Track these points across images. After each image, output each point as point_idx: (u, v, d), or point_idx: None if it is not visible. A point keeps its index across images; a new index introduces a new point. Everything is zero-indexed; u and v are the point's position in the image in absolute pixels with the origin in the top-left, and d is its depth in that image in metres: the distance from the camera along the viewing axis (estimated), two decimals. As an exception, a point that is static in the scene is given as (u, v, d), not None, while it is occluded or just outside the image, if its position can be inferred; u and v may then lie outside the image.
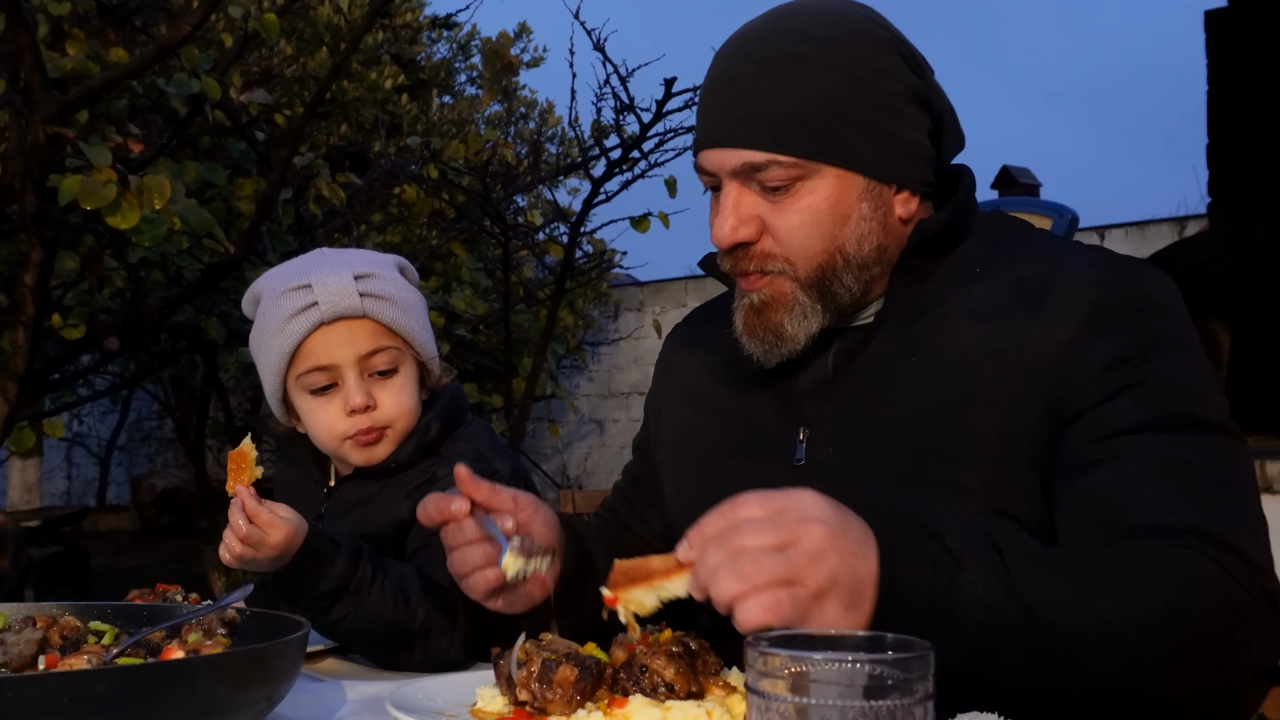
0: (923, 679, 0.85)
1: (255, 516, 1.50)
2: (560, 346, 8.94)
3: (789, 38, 1.33)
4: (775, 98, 1.31)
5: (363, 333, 1.74)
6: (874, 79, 1.31)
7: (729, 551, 1.01)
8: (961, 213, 1.38)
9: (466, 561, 1.34)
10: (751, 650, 0.88)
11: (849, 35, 1.33)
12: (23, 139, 3.44)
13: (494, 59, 5.70)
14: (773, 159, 1.31)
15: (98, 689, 0.92)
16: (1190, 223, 8.52)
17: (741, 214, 1.34)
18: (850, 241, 1.34)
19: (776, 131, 1.30)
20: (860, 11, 1.37)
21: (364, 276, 1.76)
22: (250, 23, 4.25)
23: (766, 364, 1.39)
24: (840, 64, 1.31)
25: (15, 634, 1.19)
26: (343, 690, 1.44)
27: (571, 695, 1.14)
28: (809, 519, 1.03)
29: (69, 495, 13.83)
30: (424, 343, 1.82)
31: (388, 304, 1.76)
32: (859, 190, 1.33)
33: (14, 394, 3.91)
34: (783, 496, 1.06)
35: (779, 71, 1.32)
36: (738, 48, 1.37)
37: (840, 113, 1.30)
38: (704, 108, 1.38)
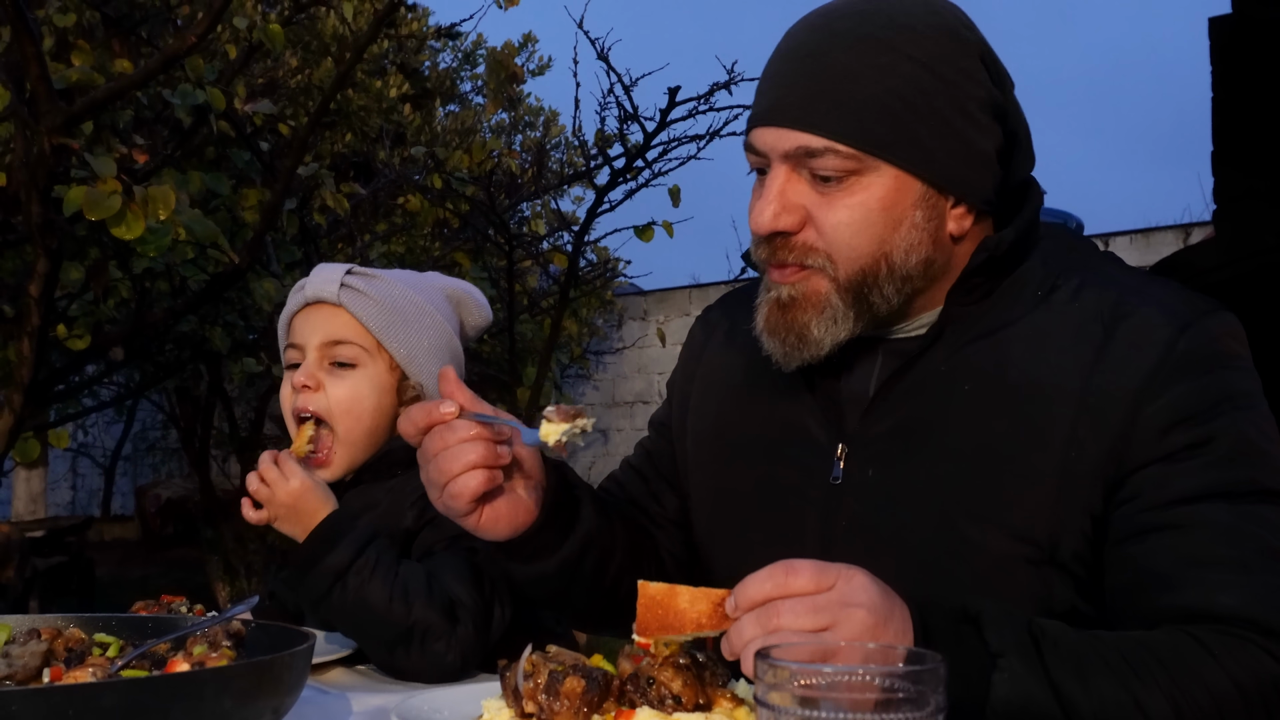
0: (935, 691, 0.84)
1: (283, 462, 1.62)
2: (564, 355, 8.93)
3: (874, 20, 1.24)
4: (847, 81, 1.22)
5: (335, 321, 1.81)
6: (956, 78, 1.23)
7: (765, 629, 1.01)
8: (1029, 230, 1.30)
9: (458, 459, 1.23)
10: (761, 662, 0.87)
11: (936, 29, 1.24)
12: (28, 150, 3.44)
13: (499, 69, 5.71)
14: (831, 147, 1.22)
15: (104, 702, 0.91)
16: (1195, 230, 8.51)
17: (786, 201, 1.25)
18: (899, 249, 1.25)
19: (842, 118, 1.21)
20: (950, 9, 1.29)
21: (360, 274, 1.83)
22: (255, 34, 4.26)
23: (786, 367, 1.31)
24: (923, 57, 1.22)
25: (20, 646, 1.19)
26: (348, 702, 1.44)
27: (578, 707, 1.13)
28: (854, 604, 1.02)
29: (74, 505, 13.84)
30: (405, 353, 1.82)
31: (367, 301, 1.80)
32: (916, 195, 1.24)
33: (19, 404, 3.91)
34: (835, 574, 1.04)
35: (857, 53, 1.22)
36: (816, 21, 1.27)
37: (914, 108, 1.22)
38: (767, 80, 1.28)
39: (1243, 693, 1.07)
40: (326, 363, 1.81)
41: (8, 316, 4.33)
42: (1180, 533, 1.16)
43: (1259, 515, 1.16)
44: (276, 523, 1.64)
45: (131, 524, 12.19)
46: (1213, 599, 1.12)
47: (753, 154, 1.29)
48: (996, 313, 1.29)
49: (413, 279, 1.90)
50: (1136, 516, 1.19)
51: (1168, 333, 1.22)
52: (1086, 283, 1.29)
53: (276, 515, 1.63)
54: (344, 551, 1.57)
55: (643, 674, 1.16)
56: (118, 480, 13.33)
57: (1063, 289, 1.29)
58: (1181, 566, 1.15)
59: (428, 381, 1.84)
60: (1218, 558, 1.14)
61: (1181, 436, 1.19)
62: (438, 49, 9.99)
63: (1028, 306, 1.29)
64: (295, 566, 1.61)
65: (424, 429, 1.26)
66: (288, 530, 1.64)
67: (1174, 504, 1.17)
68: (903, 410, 1.30)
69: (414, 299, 1.85)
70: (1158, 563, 1.16)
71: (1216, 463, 1.18)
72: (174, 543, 11.07)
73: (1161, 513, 1.18)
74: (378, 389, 1.81)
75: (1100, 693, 1.07)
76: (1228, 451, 1.18)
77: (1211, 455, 1.18)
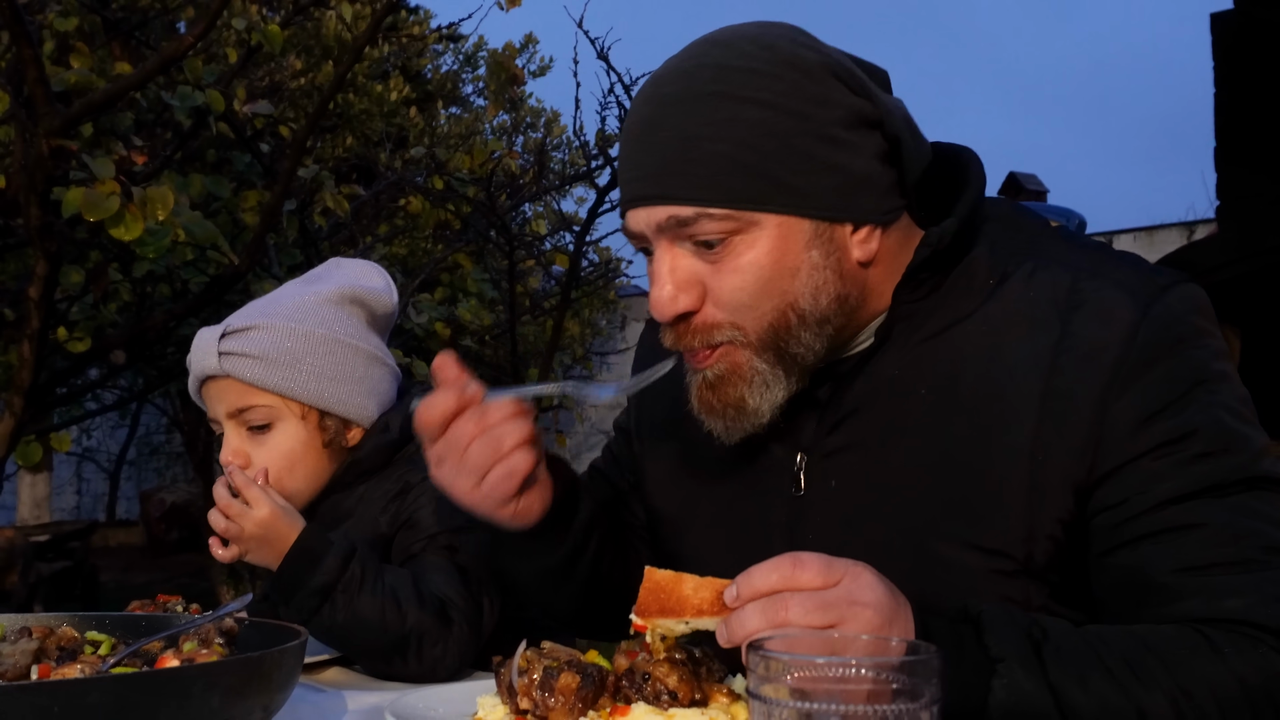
0: (929, 683, 0.83)
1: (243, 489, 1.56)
2: (567, 357, 8.93)
3: (707, 73, 1.18)
4: (697, 141, 1.16)
5: (230, 391, 1.76)
6: (809, 109, 1.16)
7: (772, 623, 0.99)
8: (973, 214, 1.24)
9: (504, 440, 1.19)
10: (754, 655, 0.86)
11: (774, 64, 1.17)
12: (27, 153, 3.44)
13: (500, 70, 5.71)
14: (701, 212, 1.16)
15: (90, 699, 0.90)
16: (1199, 227, 8.49)
17: (679, 279, 1.20)
18: (804, 295, 1.19)
19: (702, 180, 1.16)
20: (785, 35, 1.21)
21: (235, 333, 1.75)
22: (254, 35, 4.26)
23: (729, 441, 1.26)
24: (766, 98, 1.16)
25: (11, 644, 1.18)
26: (343, 700, 1.43)
27: (573, 703, 1.12)
28: (861, 602, 1.00)
29: (79, 510, 13.86)
30: (311, 392, 1.75)
31: (251, 362, 1.73)
32: (805, 237, 1.18)
33: (20, 408, 3.90)
34: (842, 570, 1.02)
35: (699, 112, 1.16)
36: (652, 91, 1.21)
37: (772, 152, 1.15)
38: (623, 163, 1.23)
39: (1247, 691, 1.05)
40: (244, 430, 1.76)
41: (8, 320, 4.33)
42: (1175, 537, 1.13)
43: (1251, 508, 1.13)
44: (248, 555, 1.59)
45: (136, 529, 12.20)
46: (1219, 605, 1.09)
47: (633, 237, 1.25)
48: (947, 308, 1.24)
49: (295, 304, 1.80)
50: (1125, 524, 1.15)
51: (1129, 317, 1.17)
52: (1039, 267, 1.23)
53: (247, 549, 1.58)
54: (327, 570, 1.54)
55: (638, 670, 1.14)
56: (122, 485, 13.35)
57: (1014, 276, 1.23)
58: (1183, 575, 1.12)
59: (348, 407, 1.78)
60: (1218, 561, 1.11)
61: (1156, 432, 1.14)
62: (439, 52, 10.01)
63: (979, 299, 1.23)
64: (277, 591, 1.58)
65: (451, 415, 1.20)
66: (259, 560, 1.58)
67: (1163, 506, 1.14)
68: (860, 417, 1.26)
69: (300, 332, 1.76)
70: (1156, 572, 1.13)
71: (1199, 456, 1.14)
72: (178, 548, 11.08)
73: (1151, 517, 1.14)
74: (300, 438, 1.76)
75: (1101, 697, 1.05)
76: (1208, 442, 1.14)
77: (1192, 449, 1.14)
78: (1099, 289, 1.19)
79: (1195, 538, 1.12)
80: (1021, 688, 1.05)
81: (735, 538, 1.36)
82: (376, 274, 1.90)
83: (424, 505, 1.72)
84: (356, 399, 1.79)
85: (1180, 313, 1.18)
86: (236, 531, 1.57)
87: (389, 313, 1.88)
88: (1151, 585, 1.13)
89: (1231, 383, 1.19)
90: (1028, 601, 1.19)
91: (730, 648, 1.02)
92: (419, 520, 1.72)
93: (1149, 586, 1.13)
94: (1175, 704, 1.05)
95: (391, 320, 1.90)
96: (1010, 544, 1.18)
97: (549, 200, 7.35)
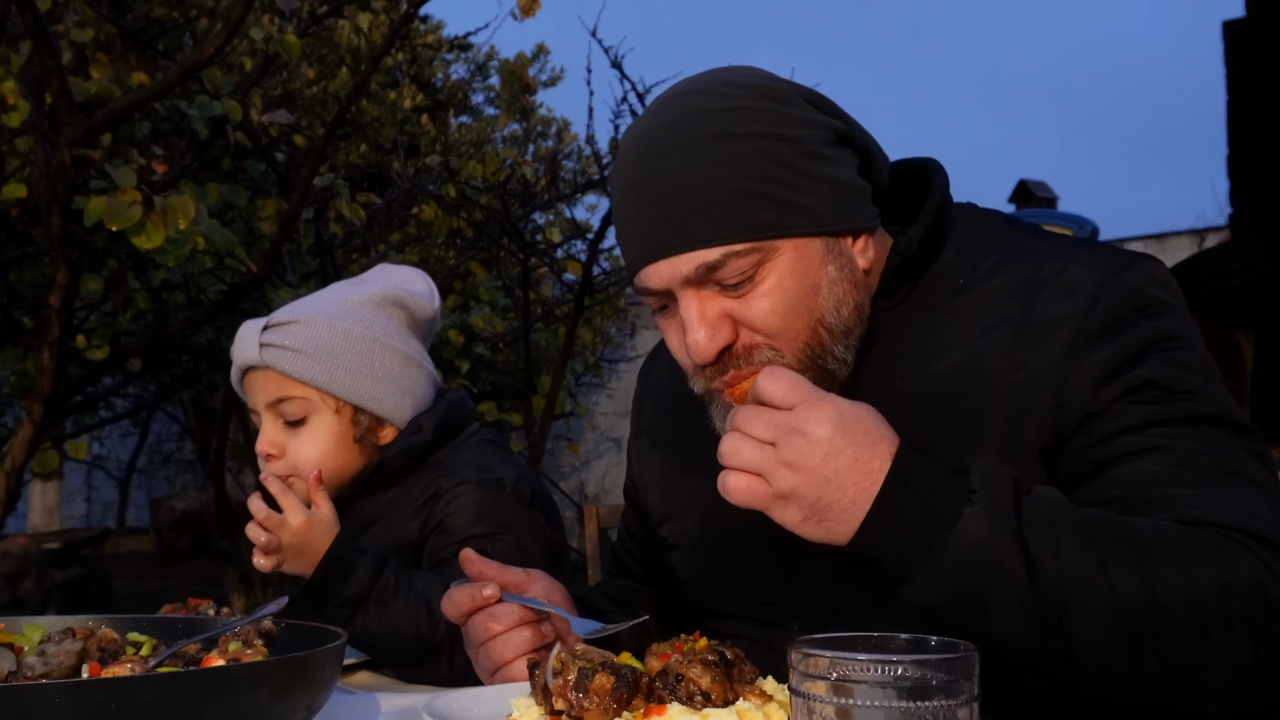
0: (968, 679, 0.85)
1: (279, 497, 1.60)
2: (579, 364, 8.95)
3: (694, 119, 1.21)
4: (706, 183, 1.19)
5: (269, 383, 1.81)
6: (797, 131, 1.22)
7: (731, 424, 1.10)
8: (938, 220, 1.30)
9: (508, 647, 1.30)
10: (795, 652, 0.88)
11: (753, 98, 1.22)
12: (49, 162, 3.48)
13: (512, 79, 5.74)
14: (728, 251, 1.19)
15: (143, 696, 0.92)
16: (1209, 234, 8.49)
17: (710, 320, 1.22)
18: (828, 310, 1.24)
19: (720, 219, 1.19)
20: (749, 72, 1.28)
21: (277, 325, 1.80)
22: (271, 45, 4.29)
23: None
24: (758, 129, 1.21)
25: (56, 645, 1.20)
26: (376, 702, 1.44)
27: (608, 704, 1.14)
28: (803, 431, 1.06)
29: (89, 518, 13.89)
30: (347, 389, 1.79)
31: (291, 355, 1.78)
32: (819, 254, 1.23)
33: (39, 415, 3.94)
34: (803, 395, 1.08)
35: (699, 155, 1.20)
36: (641, 149, 1.24)
37: (777, 178, 1.20)
38: (625, 224, 1.25)
39: (1226, 587, 1.03)
40: (280, 422, 1.81)
41: (28, 328, 4.36)
42: (1132, 459, 1.16)
43: (1203, 437, 1.16)
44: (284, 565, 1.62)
45: (146, 536, 12.23)
46: (1188, 512, 1.11)
47: (650, 295, 1.26)
48: (919, 311, 1.29)
49: (337, 303, 1.85)
50: (1085, 453, 1.18)
51: (1087, 292, 1.21)
52: (1002, 259, 1.28)
53: (284, 559, 1.61)
54: (360, 579, 1.56)
55: (671, 671, 1.16)
56: (132, 493, 13.38)
57: (981, 270, 1.28)
58: (1141, 488, 1.14)
59: (381, 405, 1.82)
60: (1175, 476, 1.14)
61: (1115, 389, 1.19)
62: (450, 61, 10.05)
63: (947, 298, 1.29)
64: (309, 600, 1.60)
65: (467, 613, 1.31)
66: (295, 569, 1.62)
67: (1118, 435, 1.17)
68: None
69: (340, 329, 1.80)
70: (1117, 489, 1.15)
71: (1154, 400, 1.18)
72: (189, 555, 11.10)
73: (1108, 445, 1.17)
74: (334, 433, 1.80)
75: (1071, 556, 1.04)
76: (1160, 390, 1.18)
77: (1144, 395, 1.18)
78: (1060, 269, 1.24)
79: (1155, 456, 1.15)
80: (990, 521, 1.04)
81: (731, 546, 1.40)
82: (420, 279, 1.94)
83: (455, 510, 1.74)
84: (391, 398, 1.83)
85: (1138, 285, 1.23)
86: (275, 543, 1.59)
87: (430, 317, 1.91)
88: (1120, 500, 1.14)
89: (1192, 344, 1.23)
90: None
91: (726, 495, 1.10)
92: (450, 525, 1.74)
93: (1117, 502, 1.14)
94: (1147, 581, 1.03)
95: (433, 326, 1.94)
96: None
97: (560, 208, 7.38)
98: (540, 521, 1.84)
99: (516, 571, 1.34)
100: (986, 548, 1.03)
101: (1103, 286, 1.21)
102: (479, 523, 1.74)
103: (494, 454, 1.89)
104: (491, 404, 7.19)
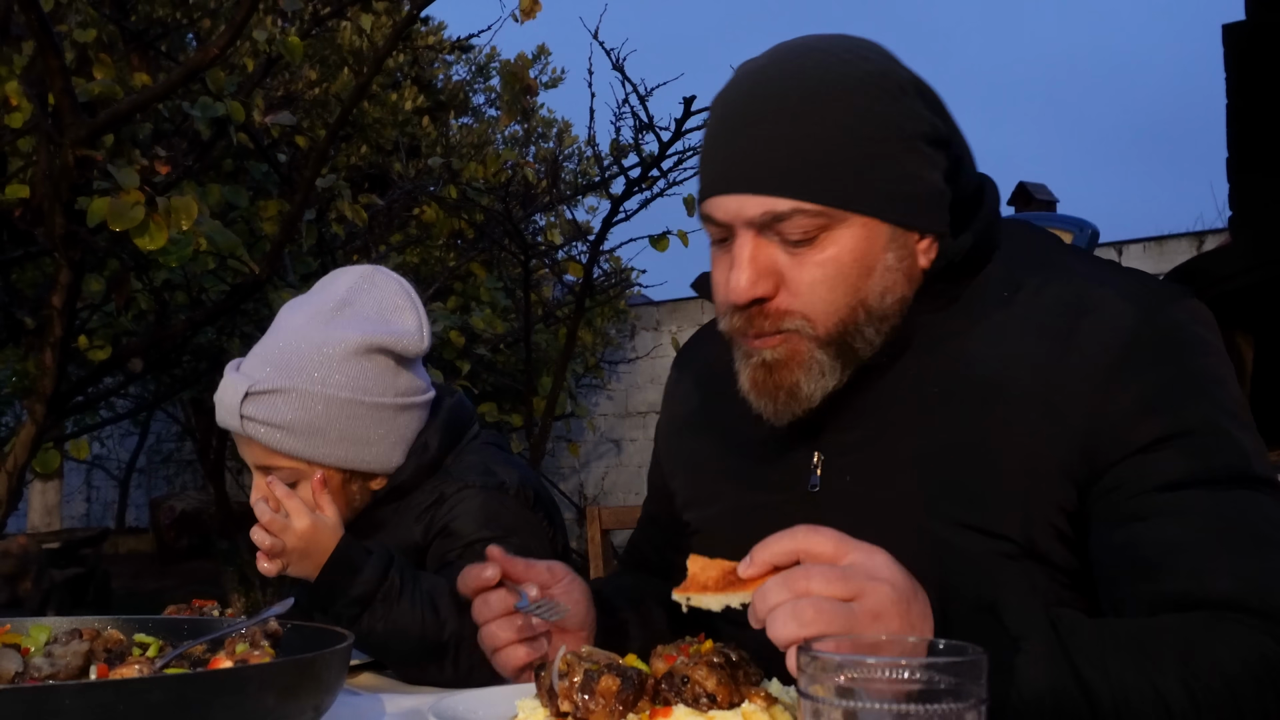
0: (976, 683, 0.85)
1: (284, 500, 1.59)
2: (579, 365, 8.95)
3: (810, 78, 1.23)
4: (800, 140, 1.21)
5: (254, 450, 1.75)
6: (900, 120, 1.23)
7: (794, 592, 1.00)
8: (988, 231, 1.30)
9: (499, 634, 1.34)
10: (803, 655, 0.88)
11: (872, 75, 1.24)
12: (52, 162, 3.48)
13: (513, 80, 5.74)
14: (798, 207, 1.20)
15: (152, 697, 0.93)
16: (1209, 237, 8.49)
17: (759, 266, 1.23)
18: (874, 294, 1.25)
19: (802, 176, 1.20)
20: (877, 50, 1.28)
21: (256, 397, 1.71)
22: (274, 47, 4.30)
23: (778, 422, 1.29)
24: (866, 105, 1.22)
25: (63, 646, 1.20)
26: (381, 703, 1.44)
27: (614, 705, 1.14)
28: (879, 578, 1.02)
29: (88, 518, 13.89)
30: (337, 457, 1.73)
31: (270, 430, 1.71)
32: (884, 239, 1.24)
33: (41, 415, 3.94)
34: (855, 546, 1.04)
35: (804, 112, 1.21)
36: (753, 88, 1.26)
37: (868, 156, 1.21)
38: (715, 150, 1.27)
39: (1253, 675, 1.07)
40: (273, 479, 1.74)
41: (30, 328, 4.36)
42: (1165, 519, 1.16)
43: (1240, 501, 1.16)
44: (289, 568, 1.61)
45: (146, 536, 12.22)
46: (1205, 585, 1.12)
47: (713, 224, 1.27)
48: (962, 318, 1.30)
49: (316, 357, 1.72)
50: (1119, 505, 1.19)
51: (1131, 322, 1.21)
52: (1050, 279, 1.29)
53: (289, 562, 1.59)
54: (366, 580, 1.56)
55: (677, 673, 1.16)
56: (132, 493, 13.38)
57: (1026, 287, 1.29)
58: (1170, 554, 1.14)
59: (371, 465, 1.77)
60: (1205, 544, 1.14)
61: (1154, 427, 1.18)
62: (451, 62, 10.05)
63: (993, 308, 1.29)
64: (315, 601, 1.59)
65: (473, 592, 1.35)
66: (299, 571, 1.60)
67: (1156, 491, 1.17)
68: (874, 418, 1.31)
69: (322, 395, 1.71)
70: (1145, 551, 1.16)
71: (1193, 451, 1.17)
72: (189, 555, 11.10)
73: (1143, 500, 1.17)
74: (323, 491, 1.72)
75: (1120, 678, 1.06)
76: (1203, 440, 1.18)
77: (1187, 444, 1.18)
78: (1106, 296, 1.24)
79: (1184, 522, 1.15)
80: (1045, 664, 1.06)
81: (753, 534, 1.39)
82: (406, 307, 1.81)
83: (460, 514, 1.74)
84: (380, 455, 1.77)
85: (1183, 321, 1.23)
86: (279, 546, 1.58)
87: (419, 352, 1.81)
88: (1140, 561, 1.16)
89: (1229, 388, 1.23)
90: (1034, 585, 1.23)
91: (759, 627, 1.03)
92: (455, 528, 1.74)
93: (1137, 562, 1.16)
94: (1187, 685, 1.06)
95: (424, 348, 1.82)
96: (1009, 527, 1.22)
97: (561, 210, 7.39)
98: (544, 523, 1.85)
99: (539, 567, 1.35)
100: (1049, 693, 1.06)
101: (1148, 318, 1.22)
102: (484, 526, 1.74)
103: (496, 456, 1.89)
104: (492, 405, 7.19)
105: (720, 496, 1.44)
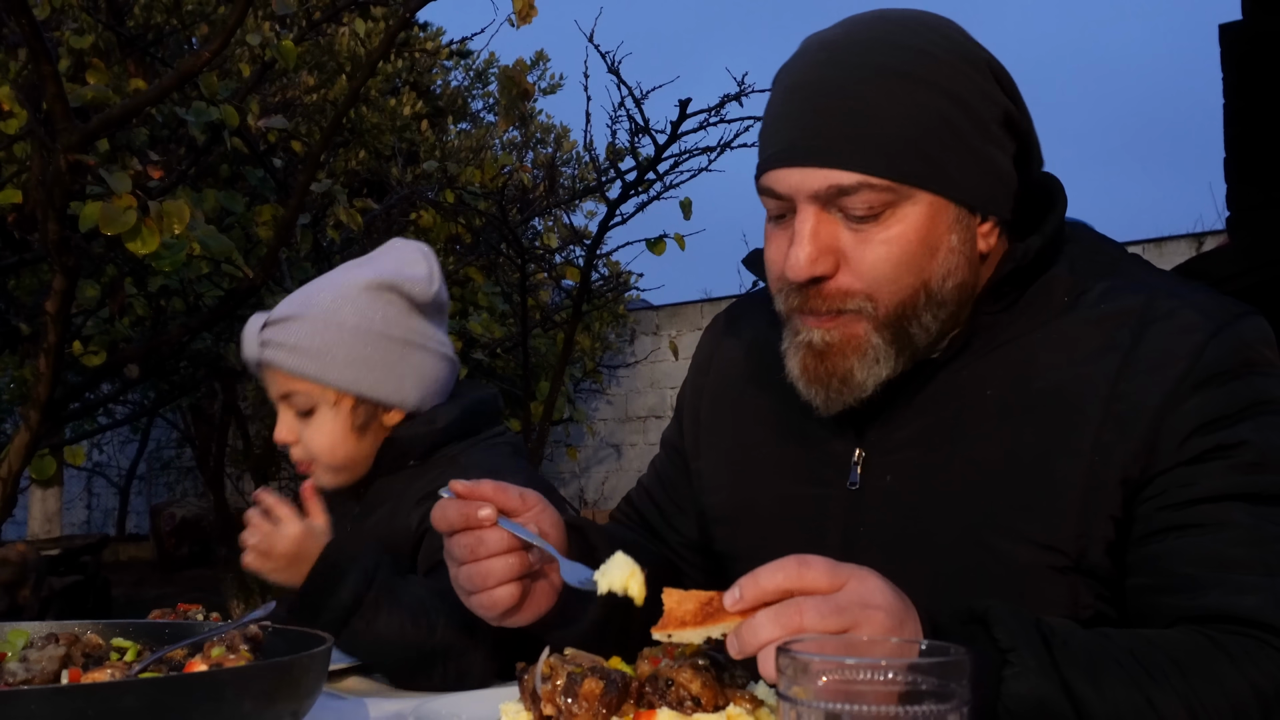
0: (959, 684, 0.83)
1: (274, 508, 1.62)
2: (577, 370, 8.94)
3: (884, 49, 1.20)
4: (870, 113, 1.17)
5: (275, 379, 1.87)
6: (974, 100, 1.20)
7: (786, 629, 0.97)
8: (1055, 235, 1.27)
9: (490, 574, 1.23)
10: (784, 656, 0.87)
11: (950, 53, 1.21)
12: (45, 168, 3.47)
13: (510, 85, 5.74)
14: (865, 181, 1.17)
15: (125, 702, 0.91)
16: (1208, 238, 8.48)
17: (821, 243, 1.19)
18: (936, 276, 1.21)
19: (872, 152, 1.17)
20: (954, 26, 1.25)
21: (275, 323, 1.85)
22: (268, 51, 4.29)
23: (827, 412, 1.26)
24: (943, 83, 1.19)
25: (38, 650, 1.19)
26: (365, 708, 1.43)
27: (597, 709, 1.12)
28: (873, 605, 1.00)
29: (89, 525, 13.89)
30: (348, 380, 1.83)
31: (287, 352, 1.83)
32: (950, 219, 1.21)
33: (36, 422, 3.93)
34: (849, 574, 1.01)
35: (877, 85, 1.18)
36: (823, 55, 1.22)
37: (940, 135, 1.18)
38: (779, 119, 1.22)
39: (1261, 697, 1.06)
40: (293, 412, 1.87)
41: (25, 334, 4.35)
42: (1202, 533, 1.14)
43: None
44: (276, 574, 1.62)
45: (146, 544, 12.22)
46: (1234, 601, 1.10)
47: (773, 198, 1.23)
48: (1023, 320, 1.27)
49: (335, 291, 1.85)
50: (1158, 514, 1.17)
51: (1198, 337, 1.19)
52: (1115, 287, 1.26)
53: (276, 567, 1.62)
54: (350, 586, 1.56)
55: (661, 675, 1.15)
56: (132, 500, 13.38)
57: (1091, 294, 1.26)
58: (1203, 567, 1.13)
59: (379, 392, 1.85)
60: (1240, 560, 1.12)
61: (1206, 440, 1.16)
62: (449, 67, 10.06)
63: (1055, 313, 1.26)
64: (303, 604, 1.60)
65: (457, 529, 1.24)
66: (286, 579, 1.62)
67: (1196, 503, 1.15)
68: (924, 418, 1.28)
69: (334, 321, 1.82)
70: (1179, 563, 1.15)
71: (1241, 466, 1.15)
72: (189, 563, 11.09)
73: (1183, 511, 1.16)
74: (341, 421, 1.85)
75: (1114, 692, 1.05)
76: (1254, 457, 1.15)
77: (1237, 459, 1.15)
78: (1174, 308, 1.22)
79: (1221, 536, 1.14)
80: (1034, 678, 1.04)
81: (790, 531, 1.36)
82: (421, 261, 1.92)
83: None
84: (389, 384, 1.85)
85: (1250, 339, 1.21)
86: (267, 548, 1.61)
87: (430, 299, 1.90)
88: (1172, 574, 1.14)
89: None
90: (1077, 601, 1.21)
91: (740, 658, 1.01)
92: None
93: (1169, 574, 1.14)
94: (1188, 703, 1.05)
95: (440, 305, 1.93)
96: (1064, 540, 1.19)
97: (558, 214, 7.38)
98: None
99: (511, 492, 1.27)
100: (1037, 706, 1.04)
101: (1215, 334, 1.19)
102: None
103: (508, 461, 1.89)
104: (490, 410, 7.16)
105: (753, 483, 1.40)
